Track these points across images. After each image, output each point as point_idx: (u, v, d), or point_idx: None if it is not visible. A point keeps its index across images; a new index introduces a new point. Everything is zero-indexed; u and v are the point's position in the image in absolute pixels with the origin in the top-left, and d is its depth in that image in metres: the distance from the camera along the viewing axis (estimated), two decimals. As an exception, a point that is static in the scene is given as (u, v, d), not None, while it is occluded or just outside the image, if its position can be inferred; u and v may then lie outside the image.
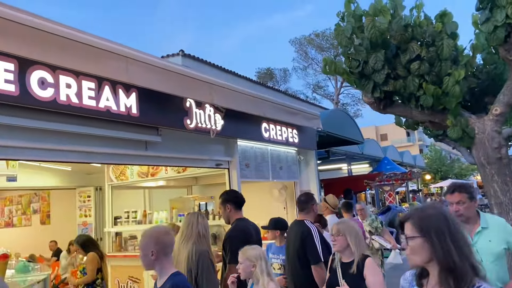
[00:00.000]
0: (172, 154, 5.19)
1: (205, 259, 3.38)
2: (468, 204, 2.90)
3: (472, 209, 2.92)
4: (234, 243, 3.65)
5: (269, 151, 7.12)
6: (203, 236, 3.48)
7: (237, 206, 3.98)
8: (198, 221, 3.53)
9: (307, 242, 3.63)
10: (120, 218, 7.20)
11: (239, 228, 3.83)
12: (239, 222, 3.91)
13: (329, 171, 15.32)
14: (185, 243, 3.43)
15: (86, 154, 4.24)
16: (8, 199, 12.03)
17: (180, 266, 3.32)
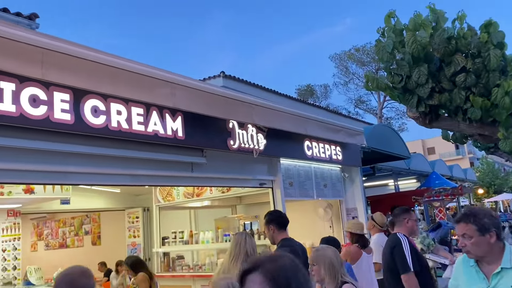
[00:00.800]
0: (217, 175, 5.30)
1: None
2: (476, 239, 2.34)
3: (484, 245, 2.34)
4: None
5: (312, 169, 7.09)
6: (251, 256, 3.50)
7: (281, 226, 3.98)
8: (246, 240, 3.56)
9: (395, 251, 3.58)
10: (167, 238, 7.36)
11: (286, 247, 3.82)
12: (285, 242, 3.90)
13: (375, 187, 14.96)
14: (234, 262, 3.47)
15: (136, 177, 4.41)
16: (62, 221, 12.57)
17: None
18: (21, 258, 8.00)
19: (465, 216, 2.41)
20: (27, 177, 3.49)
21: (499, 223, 2.38)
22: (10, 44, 2.86)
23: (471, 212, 2.41)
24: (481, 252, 2.36)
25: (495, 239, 2.33)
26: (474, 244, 2.35)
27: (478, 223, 2.34)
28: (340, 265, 2.81)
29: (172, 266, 7.18)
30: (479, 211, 2.42)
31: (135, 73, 3.69)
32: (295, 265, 1.39)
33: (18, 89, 3.15)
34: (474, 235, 2.34)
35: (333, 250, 2.94)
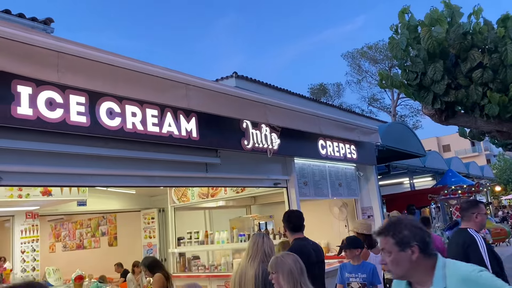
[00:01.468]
0: (231, 175, 5.30)
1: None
2: (395, 255, 1.97)
3: (404, 263, 1.95)
4: None
5: (327, 168, 7.05)
6: (269, 255, 3.49)
7: (295, 227, 3.98)
8: (264, 240, 3.56)
9: (471, 251, 3.31)
10: (183, 238, 7.39)
11: (296, 248, 3.79)
12: (297, 242, 3.89)
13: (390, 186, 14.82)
14: (251, 262, 3.47)
15: (151, 178, 4.44)
16: (79, 223, 12.73)
17: (248, 285, 3.35)
18: (39, 259, 8.12)
19: (384, 228, 2.05)
20: (44, 180, 3.54)
21: (424, 236, 1.97)
22: (26, 48, 2.90)
23: (391, 223, 2.06)
24: (401, 270, 1.99)
25: (417, 255, 1.94)
26: (393, 261, 1.99)
27: (397, 236, 1.98)
28: (300, 273, 2.69)
29: (188, 266, 7.21)
30: (399, 221, 2.04)
31: (149, 75, 3.71)
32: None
33: (35, 93, 3.19)
34: (392, 250, 1.99)
35: (294, 258, 2.79)
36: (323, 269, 3.92)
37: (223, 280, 6.50)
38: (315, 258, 3.79)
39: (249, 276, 3.39)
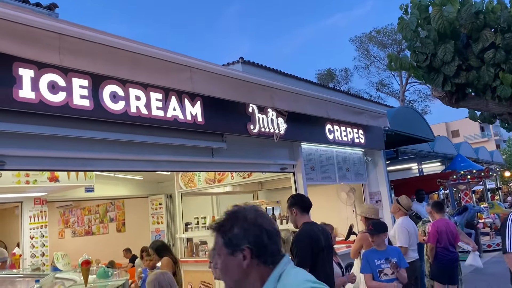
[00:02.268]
0: (238, 160, 5.24)
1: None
2: (224, 258, 1.54)
3: (233, 270, 1.52)
4: (300, 247, 3.58)
5: (334, 153, 6.98)
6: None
7: (303, 210, 3.90)
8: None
9: (502, 230, 3.43)
10: (190, 224, 7.40)
11: (305, 232, 3.75)
12: (306, 226, 3.83)
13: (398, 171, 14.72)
14: None
15: (157, 163, 4.40)
16: (87, 209, 12.83)
17: None
18: (48, 245, 8.20)
19: (216, 223, 1.62)
20: (48, 164, 3.51)
21: (260, 236, 1.52)
22: (27, 30, 2.85)
23: (227, 216, 1.61)
24: (230, 279, 1.55)
25: (248, 262, 1.49)
26: (223, 267, 1.55)
27: (225, 234, 1.54)
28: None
29: (195, 251, 7.22)
30: (234, 214, 1.59)
31: (153, 58, 3.65)
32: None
33: (37, 76, 3.15)
34: (222, 253, 1.55)
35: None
36: (331, 254, 3.88)
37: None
38: (323, 242, 3.73)
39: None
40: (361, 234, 4.87)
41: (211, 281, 6.70)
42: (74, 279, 5.07)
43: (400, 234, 5.28)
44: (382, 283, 4.08)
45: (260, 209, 1.64)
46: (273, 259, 1.53)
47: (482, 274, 9.10)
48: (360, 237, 4.84)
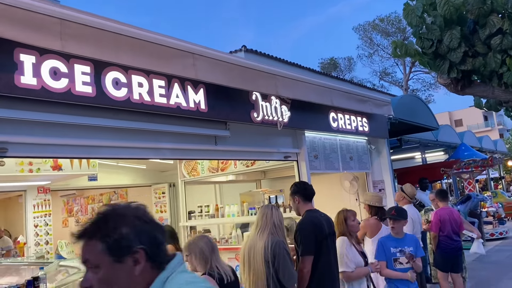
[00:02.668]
0: (241, 148, 5.22)
1: (280, 249, 3.34)
2: (108, 271, 1.27)
3: (121, 280, 1.26)
4: (304, 235, 3.59)
5: (338, 141, 6.94)
6: (278, 227, 3.45)
7: (306, 198, 3.90)
8: (273, 212, 3.51)
9: None
10: (193, 212, 7.40)
11: (309, 220, 3.75)
12: (309, 213, 3.83)
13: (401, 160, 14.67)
14: (260, 234, 3.43)
15: (159, 151, 4.38)
16: (91, 198, 12.87)
17: (257, 257, 3.32)
18: (52, 233, 8.24)
19: (88, 226, 1.31)
20: (51, 151, 3.49)
21: (154, 233, 1.32)
22: (28, 14, 2.80)
23: (100, 217, 1.31)
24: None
25: (142, 267, 1.27)
26: (104, 281, 1.25)
27: (107, 237, 1.26)
28: (211, 252, 3.06)
29: (198, 240, 7.23)
30: (111, 213, 1.32)
31: (155, 44, 3.60)
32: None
33: (38, 62, 3.11)
34: (102, 262, 1.25)
35: (205, 240, 3.16)
36: (334, 241, 3.88)
37: (233, 252, 6.52)
38: (327, 229, 3.74)
39: (258, 248, 3.35)
40: (365, 222, 4.86)
41: (214, 269, 6.72)
42: (78, 266, 5.11)
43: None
44: (397, 273, 4.01)
45: (140, 204, 1.39)
46: (165, 260, 1.31)
47: (485, 263, 9.12)
48: (363, 224, 4.83)
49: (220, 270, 3.02)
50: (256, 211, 6.47)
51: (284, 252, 3.34)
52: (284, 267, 3.27)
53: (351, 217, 3.92)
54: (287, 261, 3.31)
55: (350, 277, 3.73)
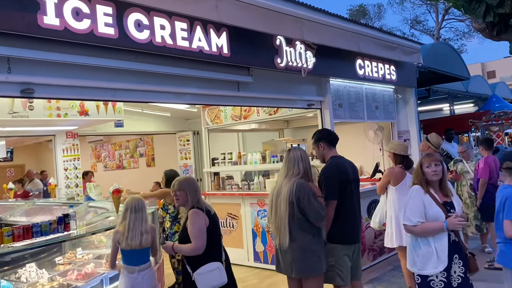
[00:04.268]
0: (264, 95, 5.17)
1: (305, 189, 3.31)
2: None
3: None
4: (328, 179, 3.58)
5: (364, 90, 6.79)
6: (307, 169, 3.42)
7: (330, 144, 3.86)
8: (301, 155, 3.47)
9: None
10: (217, 159, 7.51)
11: (333, 165, 3.74)
12: (334, 159, 3.81)
13: (428, 112, 14.31)
14: (287, 177, 3.40)
15: (181, 95, 4.38)
16: (118, 144, 13.21)
17: (281, 201, 3.33)
18: (81, 177, 8.55)
19: None
20: (77, 93, 3.54)
21: None
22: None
23: None
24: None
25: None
26: None
27: None
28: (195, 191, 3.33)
29: (222, 185, 7.39)
30: None
31: (176, -16, 3.50)
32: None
33: (60, 2, 3.08)
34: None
35: (190, 180, 3.45)
36: (359, 187, 3.87)
37: (255, 198, 6.65)
38: (351, 175, 3.74)
39: (284, 192, 3.35)
40: (389, 170, 4.82)
41: (237, 213, 6.90)
42: (106, 207, 5.31)
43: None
44: None
45: None
46: None
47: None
48: (388, 172, 4.80)
49: (203, 205, 3.31)
50: (278, 159, 6.52)
51: (309, 192, 3.31)
52: (309, 206, 3.26)
53: (425, 163, 3.24)
54: (311, 200, 3.29)
55: (412, 231, 3.20)
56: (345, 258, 3.56)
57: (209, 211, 3.31)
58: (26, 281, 3.65)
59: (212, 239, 3.26)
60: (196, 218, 3.19)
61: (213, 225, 3.30)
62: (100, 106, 7.17)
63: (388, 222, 4.77)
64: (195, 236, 3.14)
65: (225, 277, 3.19)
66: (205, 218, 3.23)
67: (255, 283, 6.02)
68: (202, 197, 3.49)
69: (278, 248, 3.39)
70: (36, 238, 3.36)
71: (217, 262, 3.19)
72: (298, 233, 3.28)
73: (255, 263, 6.69)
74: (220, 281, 3.14)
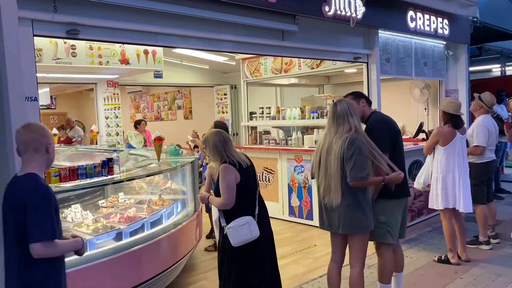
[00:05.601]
0: (309, 45, 4.95)
1: (359, 143, 3.09)
2: None
3: None
4: (378, 132, 3.41)
5: (413, 44, 6.42)
6: (356, 126, 3.21)
7: (369, 104, 3.70)
8: (350, 110, 3.26)
9: None
10: (255, 113, 7.42)
11: (379, 118, 3.57)
12: (376, 113, 3.65)
13: (475, 73, 13.56)
14: (339, 136, 3.15)
15: (221, 42, 4.23)
16: (156, 96, 13.33)
17: (332, 158, 3.12)
18: (122, 125, 8.72)
19: None
20: (121, 36, 3.48)
21: None
22: None
23: None
24: None
25: None
26: None
27: None
28: (223, 144, 3.19)
29: (259, 140, 7.33)
30: None
31: None
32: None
33: None
34: None
35: (216, 133, 3.26)
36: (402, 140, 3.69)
37: (293, 154, 6.58)
38: (397, 127, 3.59)
39: (335, 149, 3.12)
40: (438, 129, 4.59)
41: (273, 168, 6.88)
42: (147, 155, 5.39)
43: (479, 132, 4.94)
44: None
45: None
46: None
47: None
48: (436, 132, 4.57)
49: (235, 158, 3.18)
50: (317, 115, 6.36)
51: (360, 149, 3.07)
52: (355, 161, 3.03)
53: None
54: (362, 156, 3.06)
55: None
56: (396, 215, 3.44)
57: (241, 165, 3.21)
58: (72, 221, 3.77)
59: (245, 193, 3.20)
60: (225, 173, 3.14)
61: (245, 180, 3.21)
62: (141, 55, 7.14)
63: (433, 183, 4.60)
64: (223, 192, 3.12)
65: (256, 231, 3.14)
66: (235, 174, 3.15)
67: (290, 236, 6.06)
68: (237, 150, 3.38)
69: (326, 206, 3.26)
70: (81, 180, 3.43)
71: (248, 217, 3.15)
72: (348, 190, 3.13)
73: (289, 217, 6.72)
74: (250, 236, 3.12)
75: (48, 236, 2.02)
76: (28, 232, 1.99)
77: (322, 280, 4.28)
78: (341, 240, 3.35)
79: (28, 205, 2.00)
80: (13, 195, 2.08)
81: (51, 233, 2.03)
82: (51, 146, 2.21)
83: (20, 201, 2.02)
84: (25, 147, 2.15)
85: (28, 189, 2.05)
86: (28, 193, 2.03)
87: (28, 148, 2.14)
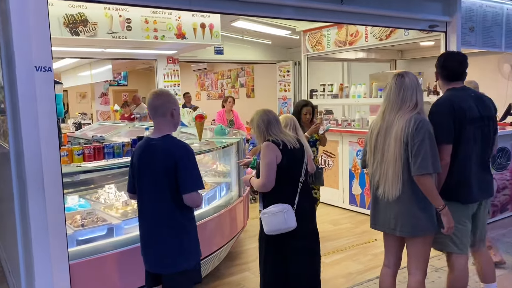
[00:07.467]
0: (374, 11, 4.23)
1: (429, 127, 2.54)
2: None
3: None
4: (438, 117, 2.71)
5: (504, 12, 5.41)
6: (422, 106, 2.58)
7: (449, 75, 2.94)
8: (419, 84, 2.62)
9: None
10: (316, 91, 6.83)
11: (447, 99, 2.80)
12: (451, 91, 2.89)
13: None
14: (401, 113, 2.56)
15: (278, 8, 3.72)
16: (220, 73, 13.15)
17: (393, 142, 2.54)
18: (181, 103, 8.57)
19: None
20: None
21: None
22: None
23: None
24: None
25: None
26: None
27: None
28: (267, 125, 2.95)
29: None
30: None
31: None
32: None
33: None
34: None
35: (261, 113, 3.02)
36: (489, 126, 2.86)
37: (355, 136, 5.95)
38: (477, 112, 2.79)
39: (396, 130, 2.55)
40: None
41: (334, 151, 6.30)
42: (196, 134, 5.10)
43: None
44: None
45: None
46: None
47: None
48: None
49: (279, 137, 2.93)
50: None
51: (430, 134, 2.51)
52: (419, 149, 2.46)
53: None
54: (426, 144, 2.47)
55: None
56: (462, 220, 2.75)
57: (286, 145, 2.88)
58: (104, 203, 3.55)
59: (286, 177, 2.87)
60: (265, 151, 2.86)
61: (288, 162, 2.86)
62: (197, 29, 6.86)
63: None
64: (262, 172, 2.85)
65: (292, 222, 2.79)
66: (277, 153, 2.83)
67: (349, 227, 5.53)
68: (286, 131, 3.09)
69: (380, 198, 2.68)
70: (108, 160, 3.16)
71: (285, 205, 2.81)
72: (410, 183, 2.53)
73: (350, 205, 6.16)
74: (284, 226, 2.80)
75: (202, 185, 2.34)
76: (184, 183, 2.27)
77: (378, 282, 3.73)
78: (398, 242, 2.77)
79: (180, 160, 2.26)
80: (158, 153, 2.31)
81: (202, 183, 2.35)
82: (175, 112, 2.41)
83: (169, 158, 2.26)
84: (154, 112, 2.38)
85: (175, 147, 2.32)
86: (176, 151, 2.30)
87: (157, 113, 2.37)
